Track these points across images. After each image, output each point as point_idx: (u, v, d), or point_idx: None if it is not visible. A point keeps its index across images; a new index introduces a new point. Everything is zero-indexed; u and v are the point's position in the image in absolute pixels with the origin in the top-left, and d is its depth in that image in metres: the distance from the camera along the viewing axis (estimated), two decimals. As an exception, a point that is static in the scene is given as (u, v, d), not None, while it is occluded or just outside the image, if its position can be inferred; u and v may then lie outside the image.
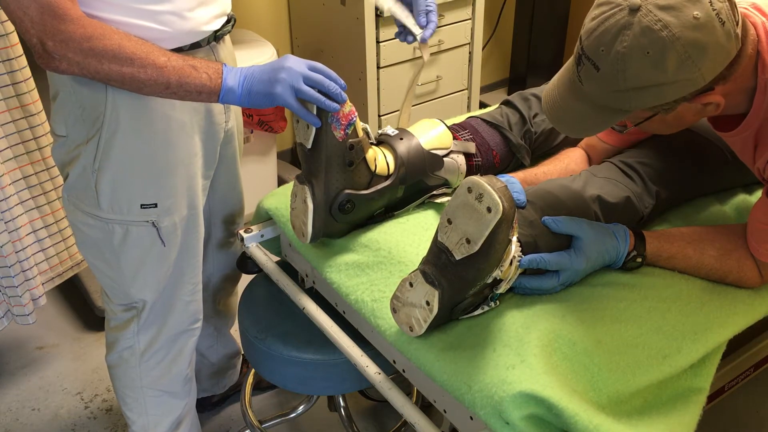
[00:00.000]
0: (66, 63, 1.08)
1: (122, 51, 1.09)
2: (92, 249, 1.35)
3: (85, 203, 1.28)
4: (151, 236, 1.32)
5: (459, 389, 1.02)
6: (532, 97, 1.48)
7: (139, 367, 1.47)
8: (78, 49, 1.07)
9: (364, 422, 1.89)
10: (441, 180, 1.36)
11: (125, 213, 1.28)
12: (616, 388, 1.02)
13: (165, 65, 1.11)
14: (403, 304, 1.09)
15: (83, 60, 1.08)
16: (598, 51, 0.97)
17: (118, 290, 1.39)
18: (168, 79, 1.12)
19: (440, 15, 2.55)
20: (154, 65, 1.11)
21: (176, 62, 1.13)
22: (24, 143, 1.78)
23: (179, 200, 1.32)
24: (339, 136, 1.19)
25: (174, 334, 1.46)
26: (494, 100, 3.24)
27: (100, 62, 1.09)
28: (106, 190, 1.25)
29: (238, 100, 1.16)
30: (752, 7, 1.07)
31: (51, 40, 1.06)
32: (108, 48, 1.08)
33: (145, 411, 1.52)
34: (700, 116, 1.08)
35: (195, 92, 1.15)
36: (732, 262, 1.17)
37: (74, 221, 1.33)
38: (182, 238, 1.37)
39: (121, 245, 1.31)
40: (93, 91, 1.18)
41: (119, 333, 1.45)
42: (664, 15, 0.94)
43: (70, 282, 2.16)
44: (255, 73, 1.16)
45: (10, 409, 1.96)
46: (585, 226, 1.15)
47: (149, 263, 1.35)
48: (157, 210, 1.30)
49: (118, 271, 1.35)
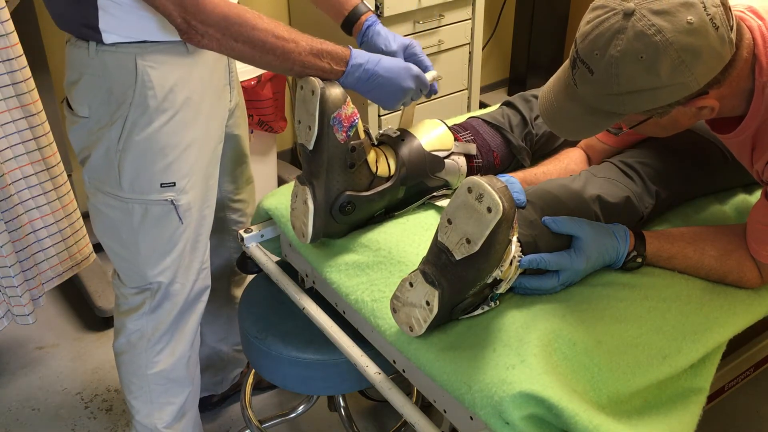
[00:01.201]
0: (207, 39, 1.16)
1: (255, 35, 1.17)
2: (110, 231, 1.38)
3: (107, 184, 1.32)
4: (170, 215, 1.35)
5: (459, 389, 1.02)
6: (533, 98, 1.48)
7: (146, 352, 1.48)
8: (217, 27, 1.15)
9: (364, 422, 1.89)
10: (442, 181, 1.36)
11: (146, 192, 1.31)
12: (616, 388, 1.02)
13: (292, 51, 1.19)
14: (403, 304, 1.09)
15: (222, 37, 1.16)
16: (593, 55, 0.98)
17: (133, 272, 1.41)
18: (292, 65, 1.20)
19: (440, 15, 2.56)
20: (282, 51, 1.19)
21: (303, 48, 1.20)
22: (24, 143, 1.78)
23: (195, 179, 1.36)
24: (341, 138, 1.19)
25: (180, 313, 1.47)
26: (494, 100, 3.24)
27: (235, 42, 1.17)
28: (129, 170, 1.29)
29: (355, 84, 1.25)
30: (749, 10, 1.07)
31: (194, 20, 1.13)
32: (243, 32, 1.16)
33: (150, 399, 1.53)
34: (695, 120, 1.08)
35: (317, 74, 1.22)
36: (732, 262, 1.17)
37: (96, 203, 1.36)
38: (197, 215, 1.40)
39: (140, 225, 1.34)
40: (122, 74, 1.22)
41: (128, 317, 1.46)
42: (658, 20, 0.94)
43: (70, 282, 2.16)
44: (379, 68, 1.25)
45: (10, 409, 1.97)
46: (585, 226, 1.15)
47: (166, 242, 1.38)
48: (175, 189, 1.33)
49: (135, 252, 1.38)
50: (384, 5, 2.35)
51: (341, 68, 1.22)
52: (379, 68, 1.25)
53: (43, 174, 1.84)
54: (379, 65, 1.25)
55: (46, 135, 1.81)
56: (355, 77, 1.24)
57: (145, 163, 1.29)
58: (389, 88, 1.27)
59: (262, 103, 2.29)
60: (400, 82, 1.27)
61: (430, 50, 2.59)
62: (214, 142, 1.41)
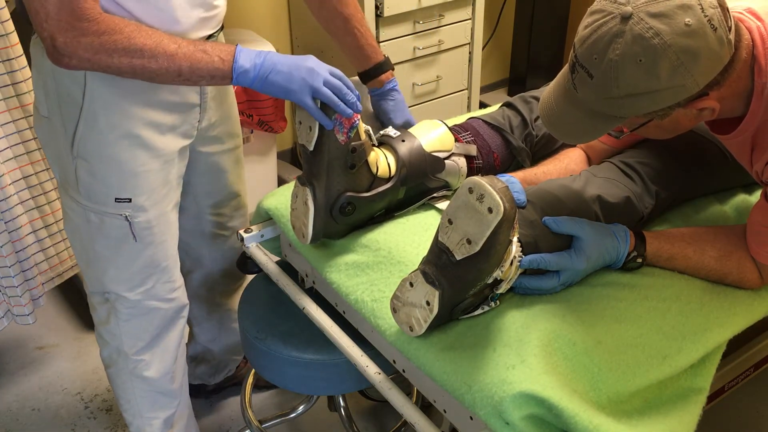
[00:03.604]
0: (76, 60, 1.09)
1: (132, 43, 1.09)
2: (74, 233, 1.37)
3: (69, 187, 1.30)
4: (124, 230, 1.32)
5: (459, 389, 1.02)
6: (533, 99, 1.48)
7: (127, 367, 1.48)
8: (89, 46, 1.08)
9: (364, 422, 1.89)
10: (442, 182, 1.36)
11: (101, 203, 1.29)
12: (616, 388, 1.02)
13: (175, 53, 1.11)
14: (403, 304, 1.09)
15: (93, 57, 1.09)
16: (591, 59, 0.98)
17: (92, 277, 1.41)
18: (179, 66, 1.12)
19: (440, 15, 2.56)
20: (165, 54, 1.11)
21: (187, 48, 1.12)
22: (24, 143, 1.78)
23: (154, 198, 1.33)
24: (341, 139, 1.19)
25: (157, 332, 1.47)
26: (494, 100, 3.24)
27: (110, 57, 1.09)
28: (84, 179, 1.27)
29: (252, 82, 1.16)
30: (747, 11, 1.07)
31: (62, 36, 1.06)
32: (118, 42, 1.09)
33: (139, 412, 1.53)
34: (696, 121, 1.08)
35: (208, 76, 1.14)
36: (732, 263, 1.18)
37: (63, 202, 1.35)
38: (157, 236, 1.37)
39: (96, 234, 1.33)
40: (72, 82, 1.19)
41: (103, 328, 1.46)
42: (656, 23, 0.94)
43: (70, 282, 2.16)
44: (275, 61, 1.15)
45: (10, 409, 1.96)
46: (585, 227, 1.15)
47: (120, 256, 1.36)
48: (131, 205, 1.30)
49: (93, 257, 1.37)
50: (384, 5, 2.35)
51: (230, 58, 1.14)
52: (273, 55, 1.16)
53: (43, 174, 1.85)
54: (271, 53, 1.17)
55: (46, 135, 1.81)
56: (252, 62, 1.14)
57: (98, 174, 1.26)
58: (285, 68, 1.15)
59: (262, 103, 2.29)
60: (301, 63, 1.16)
61: (430, 50, 2.59)
62: (175, 162, 1.35)
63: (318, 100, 1.16)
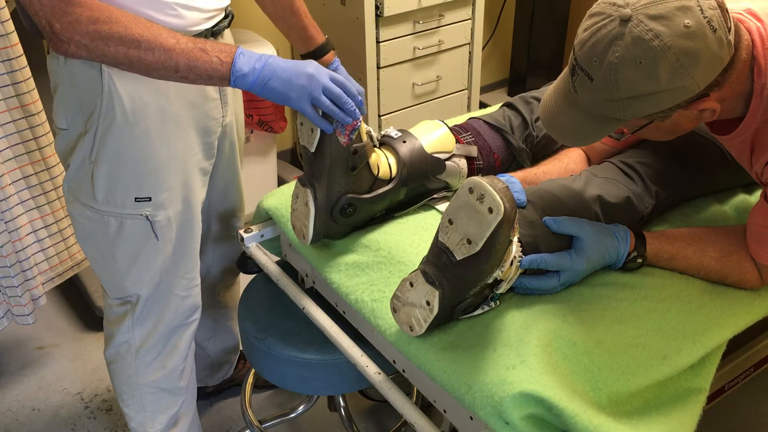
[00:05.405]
0: (74, 46, 1.08)
1: (129, 33, 1.08)
2: (89, 241, 1.36)
3: (83, 195, 1.29)
4: (145, 230, 1.32)
5: (459, 389, 1.02)
6: (533, 100, 1.48)
7: (135, 362, 1.48)
8: (84, 31, 1.07)
9: (364, 422, 1.89)
10: (442, 183, 1.36)
11: (120, 206, 1.29)
12: (616, 388, 1.02)
13: (173, 48, 1.10)
14: (403, 304, 1.09)
15: (90, 43, 1.07)
16: (591, 61, 0.98)
17: (113, 283, 1.40)
18: (176, 62, 1.10)
19: (440, 15, 2.55)
20: (162, 48, 1.09)
21: (185, 45, 1.11)
22: (24, 143, 1.78)
23: (174, 195, 1.33)
24: (343, 141, 1.19)
25: (169, 329, 1.47)
26: (494, 100, 3.24)
27: (107, 45, 1.08)
28: (102, 182, 1.26)
29: (250, 87, 1.14)
30: (747, 12, 1.07)
31: (58, 22, 1.05)
32: (114, 31, 1.07)
33: (143, 407, 1.53)
34: (697, 122, 1.08)
35: (205, 76, 1.13)
36: (732, 263, 1.18)
37: (73, 212, 1.34)
38: (177, 233, 1.37)
39: (115, 238, 1.32)
40: (90, 84, 1.18)
41: (115, 327, 1.45)
42: (655, 25, 0.94)
43: (70, 282, 2.16)
44: (276, 68, 1.13)
45: (10, 409, 1.96)
46: (586, 227, 1.15)
47: (143, 257, 1.35)
48: (152, 204, 1.30)
49: (113, 263, 1.36)
50: (384, 5, 2.35)
51: (229, 60, 1.12)
52: (274, 60, 1.14)
53: (43, 174, 1.85)
54: (273, 57, 1.15)
55: (46, 135, 1.81)
56: (251, 67, 1.13)
57: (117, 175, 1.26)
58: (285, 74, 1.14)
59: (262, 103, 2.28)
60: (302, 69, 1.14)
61: (430, 50, 2.59)
62: (197, 159, 1.36)
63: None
